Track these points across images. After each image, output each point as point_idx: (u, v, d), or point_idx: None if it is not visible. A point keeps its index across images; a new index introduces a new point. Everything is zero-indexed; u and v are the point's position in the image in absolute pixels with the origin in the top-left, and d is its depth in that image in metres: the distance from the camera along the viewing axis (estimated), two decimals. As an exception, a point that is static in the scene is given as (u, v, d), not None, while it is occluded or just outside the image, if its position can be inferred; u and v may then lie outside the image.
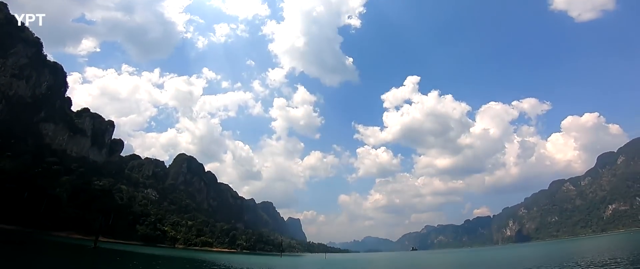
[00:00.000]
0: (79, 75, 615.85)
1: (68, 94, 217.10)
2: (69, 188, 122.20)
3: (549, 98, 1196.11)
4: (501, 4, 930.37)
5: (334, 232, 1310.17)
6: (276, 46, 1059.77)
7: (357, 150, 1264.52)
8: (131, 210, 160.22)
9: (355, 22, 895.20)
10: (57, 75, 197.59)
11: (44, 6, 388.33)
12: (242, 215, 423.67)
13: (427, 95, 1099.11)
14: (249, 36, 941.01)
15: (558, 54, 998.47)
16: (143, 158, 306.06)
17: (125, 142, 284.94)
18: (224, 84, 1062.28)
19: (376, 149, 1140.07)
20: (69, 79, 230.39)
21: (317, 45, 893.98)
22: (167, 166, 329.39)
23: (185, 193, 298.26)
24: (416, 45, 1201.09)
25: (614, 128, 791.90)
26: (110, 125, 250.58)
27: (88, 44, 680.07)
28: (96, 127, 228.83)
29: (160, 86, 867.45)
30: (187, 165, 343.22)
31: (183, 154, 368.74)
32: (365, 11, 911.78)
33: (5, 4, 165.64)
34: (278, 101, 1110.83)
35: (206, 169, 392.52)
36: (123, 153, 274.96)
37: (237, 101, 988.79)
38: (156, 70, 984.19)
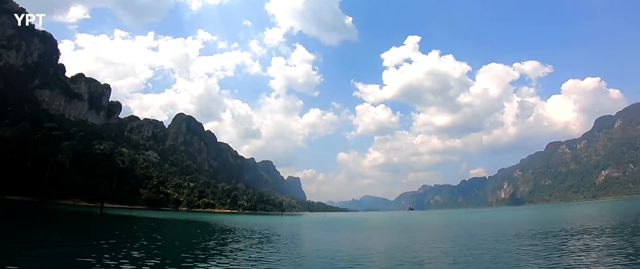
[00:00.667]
0: (71, 42, 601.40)
1: (61, 61, 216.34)
2: (70, 154, 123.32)
3: (551, 61, 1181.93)
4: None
5: (333, 191, 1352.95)
6: (273, 6, 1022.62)
7: (356, 107, 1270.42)
8: (134, 174, 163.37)
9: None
10: (47, 43, 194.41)
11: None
12: (243, 175, 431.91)
13: (428, 54, 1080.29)
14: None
15: (563, 16, 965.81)
16: (142, 119, 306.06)
17: (123, 104, 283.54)
18: (221, 45, 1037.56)
19: (375, 106, 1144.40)
20: (61, 47, 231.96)
21: (316, 4, 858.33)
22: (167, 126, 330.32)
23: (185, 154, 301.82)
24: (418, 4, 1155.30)
25: (615, 93, 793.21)
26: (106, 88, 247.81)
27: (77, 12, 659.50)
28: (92, 91, 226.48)
29: (155, 49, 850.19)
30: (186, 124, 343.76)
31: (182, 113, 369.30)
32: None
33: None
34: (276, 60, 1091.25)
35: (206, 128, 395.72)
36: (121, 115, 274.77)
37: (235, 61, 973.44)
38: (150, 33, 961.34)
